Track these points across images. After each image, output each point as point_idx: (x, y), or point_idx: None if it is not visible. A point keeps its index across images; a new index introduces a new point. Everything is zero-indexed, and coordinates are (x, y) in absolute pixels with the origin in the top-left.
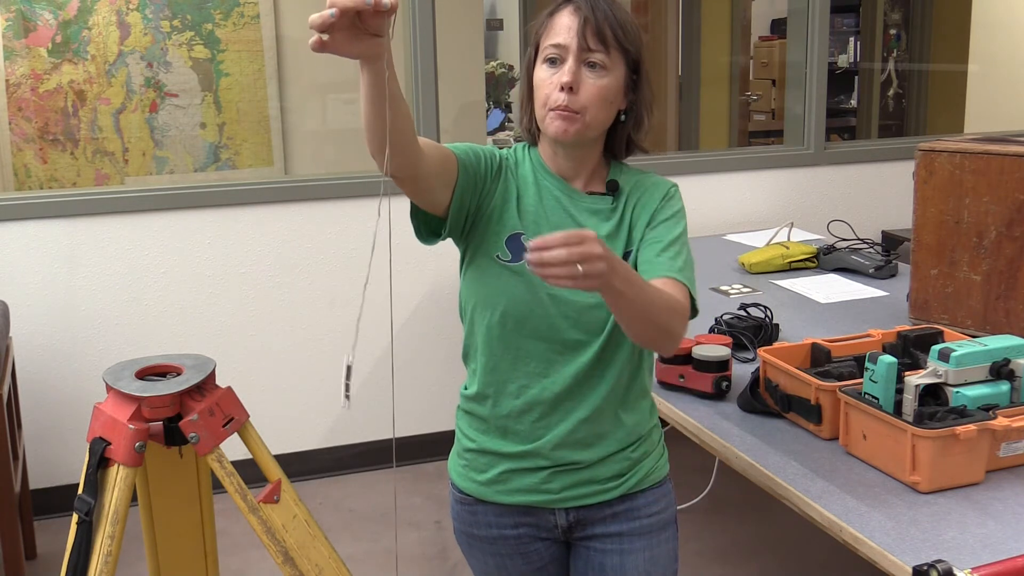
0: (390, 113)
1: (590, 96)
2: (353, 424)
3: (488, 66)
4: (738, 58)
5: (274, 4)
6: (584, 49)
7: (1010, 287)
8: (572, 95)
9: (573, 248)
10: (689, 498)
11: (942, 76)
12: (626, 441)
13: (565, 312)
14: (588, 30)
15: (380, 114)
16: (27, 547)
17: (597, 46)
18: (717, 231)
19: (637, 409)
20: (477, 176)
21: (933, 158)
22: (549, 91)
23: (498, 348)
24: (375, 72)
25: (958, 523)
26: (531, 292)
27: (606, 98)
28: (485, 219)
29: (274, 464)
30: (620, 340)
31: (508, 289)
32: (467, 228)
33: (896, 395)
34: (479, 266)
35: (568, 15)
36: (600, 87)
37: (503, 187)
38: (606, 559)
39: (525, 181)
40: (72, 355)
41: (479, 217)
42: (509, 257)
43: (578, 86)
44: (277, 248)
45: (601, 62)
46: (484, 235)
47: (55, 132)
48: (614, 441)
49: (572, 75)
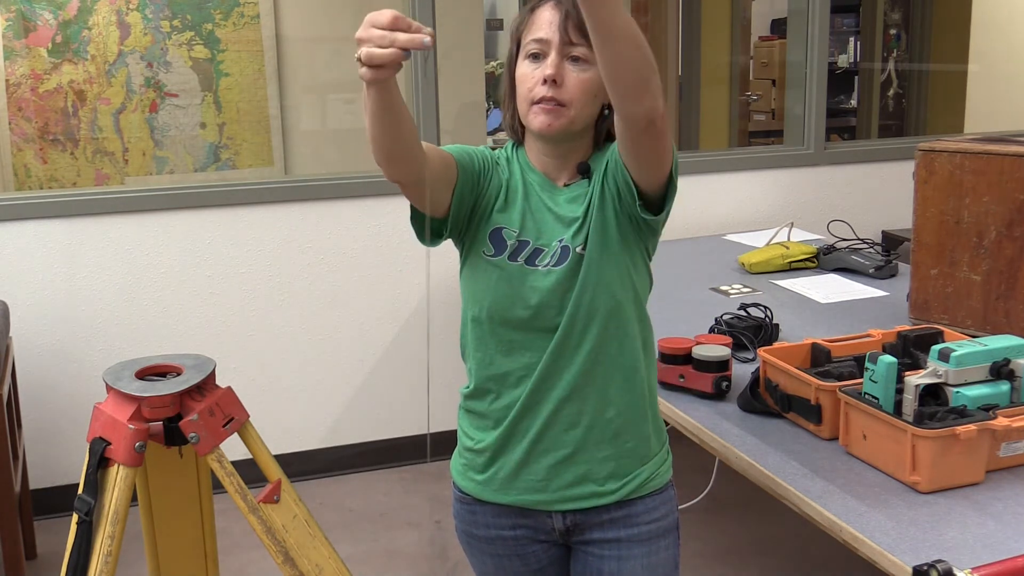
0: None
1: (574, 90)
2: (353, 424)
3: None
4: (738, 58)
5: (274, 4)
6: (566, 43)
7: (1010, 287)
8: (556, 88)
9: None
10: (689, 498)
11: (942, 76)
12: (614, 427)
13: (549, 301)
14: (570, 24)
15: (387, 128)
16: (27, 547)
17: (579, 40)
18: (717, 231)
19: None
20: (473, 176)
21: (933, 158)
22: (532, 85)
23: (491, 342)
24: (385, 89)
25: (958, 523)
26: (514, 285)
27: (590, 91)
28: (478, 218)
29: (274, 464)
30: (590, 314)
31: (492, 283)
32: (464, 228)
33: (896, 395)
34: (471, 264)
35: (549, 9)
36: (583, 80)
37: (496, 185)
38: (604, 565)
39: (514, 179)
40: (72, 355)
41: (474, 216)
42: (492, 252)
43: (562, 79)
44: (277, 248)
45: (584, 56)
46: (476, 234)
47: (55, 132)
48: (598, 423)
49: (555, 68)
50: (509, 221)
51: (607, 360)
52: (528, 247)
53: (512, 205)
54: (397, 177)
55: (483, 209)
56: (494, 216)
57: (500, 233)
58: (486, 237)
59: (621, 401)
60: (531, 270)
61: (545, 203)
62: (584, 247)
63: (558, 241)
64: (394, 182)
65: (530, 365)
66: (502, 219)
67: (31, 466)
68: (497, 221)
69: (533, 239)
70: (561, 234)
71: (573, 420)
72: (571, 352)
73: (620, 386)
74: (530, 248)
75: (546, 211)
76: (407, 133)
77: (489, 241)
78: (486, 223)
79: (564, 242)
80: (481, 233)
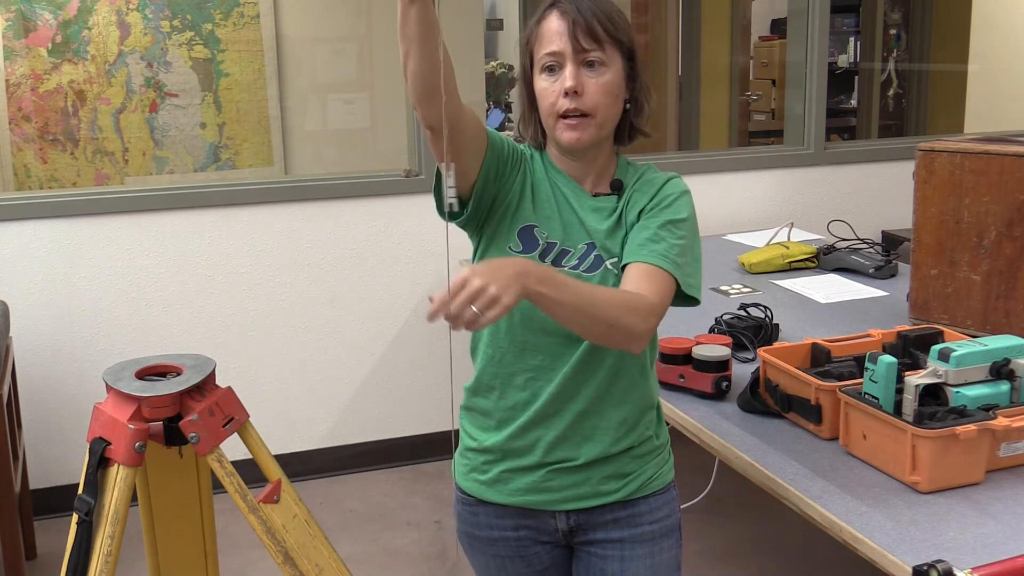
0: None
1: (595, 95)
2: (353, 424)
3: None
4: (738, 58)
5: (274, 4)
6: (579, 51)
7: (1010, 287)
8: (578, 98)
9: (458, 299)
10: (689, 498)
11: (942, 76)
12: (625, 439)
13: None
14: (578, 31)
15: (430, 52)
16: (27, 547)
17: (591, 45)
18: (717, 231)
19: (637, 408)
20: (502, 160)
21: (933, 158)
22: (554, 99)
23: (504, 340)
24: (426, 7)
25: (958, 523)
26: None
27: (611, 93)
28: (501, 211)
29: (274, 464)
30: None
31: None
32: (484, 217)
33: (896, 395)
34: (492, 258)
35: (556, 20)
36: (603, 84)
37: (520, 179)
38: (607, 565)
39: (539, 176)
40: (72, 355)
41: (496, 208)
42: (520, 248)
43: (582, 88)
44: (277, 248)
45: (599, 59)
46: (499, 227)
47: (55, 132)
48: (611, 437)
49: (574, 79)
50: (539, 220)
51: (625, 373)
52: (555, 248)
53: (540, 204)
54: (432, 119)
55: (507, 202)
56: (523, 212)
57: (532, 231)
58: (514, 233)
59: (631, 405)
60: (557, 270)
61: (572, 205)
62: (617, 267)
63: (584, 244)
64: (427, 127)
65: (538, 367)
66: (533, 217)
67: (31, 466)
68: (528, 219)
69: (560, 240)
70: (586, 239)
71: (589, 434)
72: (594, 367)
73: (631, 392)
74: (557, 249)
75: (572, 213)
76: (447, 62)
77: (518, 237)
78: (512, 218)
79: (595, 250)
80: (505, 228)
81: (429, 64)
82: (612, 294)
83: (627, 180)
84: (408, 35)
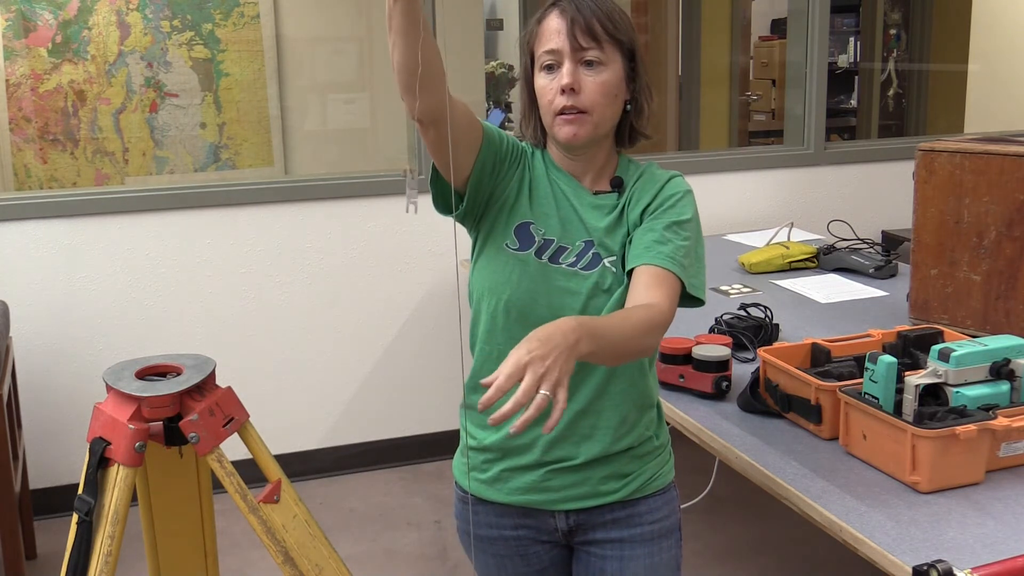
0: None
1: (592, 94)
2: (353, 424)
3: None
4: (738, 58)
5: (274, 4)
6: (577, 49)
7: (1010, 287)
8: (575, 96)
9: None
10: (689, 498)
11: (942, 76)
12: (625, 439)
13: (571, 304)
14: (577, 30)
15: (413, 45)
16: (27, 547)
17: (589, 43)
18: (717, 231)
19: (636, 407)
20: (498, 155)
21: (933, 158)
22: (552, 97)
23: (501, 336)
24: (411, 2)
25: (958, 523)
26: (537, 281)
27: (609, 92)
28: (499, 207)
29: (274, 464)
30: None
31: (514, 277)
32: (481, 213)
33: (896, 395)
34: (488, 255)
35: (555, 18)
36: (600, 83)
37: (519, 175)
38: (606, 565)
39: (538, 174)
40: (72, 355)
41: (493, 203)
42: (517, 245)
43: (579, 86)
44: (277, 248)
45: (597, 58)
46: (496, 223)
47: (55, 132)
48: (610, 437)
49: (571, 76)
50: (536, 217)
51: (624, 372)
52: (553, 245)
53: (538, 201)
54: (421, 112)
55: (504, 198)
56: (520, 209)
57: (528, 228)
58: (510, 230)
59: (630, 405)
60: (554, 267)
61: (571, 202)
62: (615, 266)
63: (583, 242)
64: (417, 120)
65: None
66: (530, 214)
67: (31, 466)
68: (525, 215)
69: (558, 237)
70: (584, 236)
71: (587, 433)
72: (592, 366)
73: (631, 392)
74: (555, 246)
75: (571, 210)
76: (433, 56)
77: (514, 234)
78: (509, 215)
79: (593, 248)
80: (502, 224)
81: (413, 57)
82: (636, 320)
83: (628, 178)
84: (393, 28)
